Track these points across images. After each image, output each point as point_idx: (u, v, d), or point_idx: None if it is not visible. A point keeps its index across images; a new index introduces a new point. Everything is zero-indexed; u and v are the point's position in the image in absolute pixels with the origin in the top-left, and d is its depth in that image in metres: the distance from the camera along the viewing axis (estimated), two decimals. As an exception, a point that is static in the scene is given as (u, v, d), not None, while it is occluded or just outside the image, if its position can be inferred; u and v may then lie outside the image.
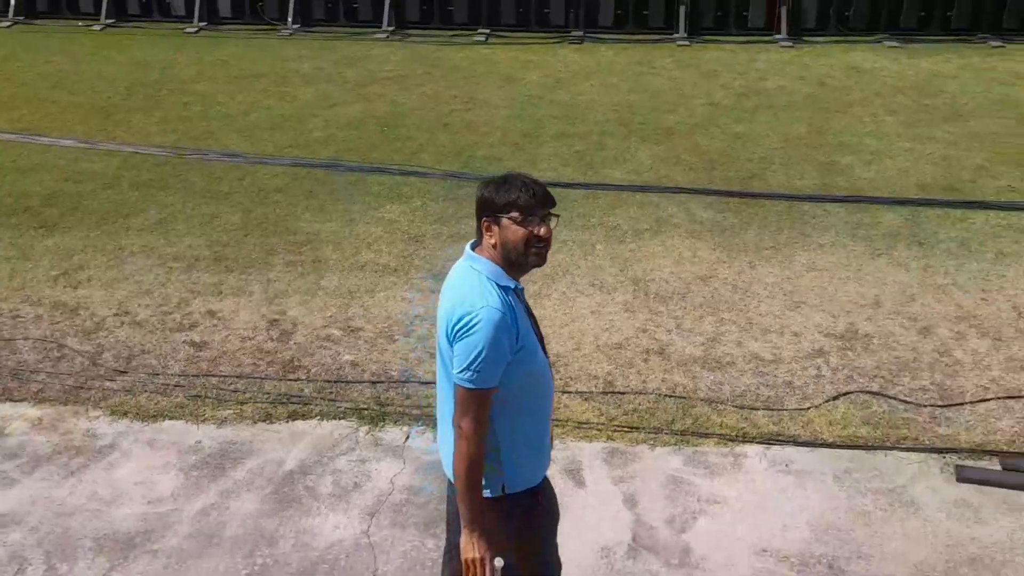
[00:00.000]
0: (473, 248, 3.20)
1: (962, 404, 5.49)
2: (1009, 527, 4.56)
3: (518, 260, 3.09)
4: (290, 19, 14.90)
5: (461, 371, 3.00)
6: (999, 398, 5.54)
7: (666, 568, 4.34)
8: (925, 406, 5.47)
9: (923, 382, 5.70)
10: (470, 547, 3.08)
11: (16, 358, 6.03)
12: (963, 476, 4.89)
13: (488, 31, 14.48)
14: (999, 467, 4.98)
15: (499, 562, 3.11)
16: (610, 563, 4.33)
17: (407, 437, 5.24)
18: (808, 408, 5.46)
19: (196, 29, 14.88)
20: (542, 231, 3.07)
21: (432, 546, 4.42)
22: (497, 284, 3.06)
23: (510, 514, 3.26)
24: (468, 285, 3.07)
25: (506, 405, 3.11)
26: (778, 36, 14.13)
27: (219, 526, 4.60)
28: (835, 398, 5.55)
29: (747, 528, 4.59)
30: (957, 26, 14.21)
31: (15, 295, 6.78)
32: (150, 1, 15.27)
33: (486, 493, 3.30)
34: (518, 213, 3.04)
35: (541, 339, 3.28)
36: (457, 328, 3.01)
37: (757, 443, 5.19)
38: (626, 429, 5.29)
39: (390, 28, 14.58)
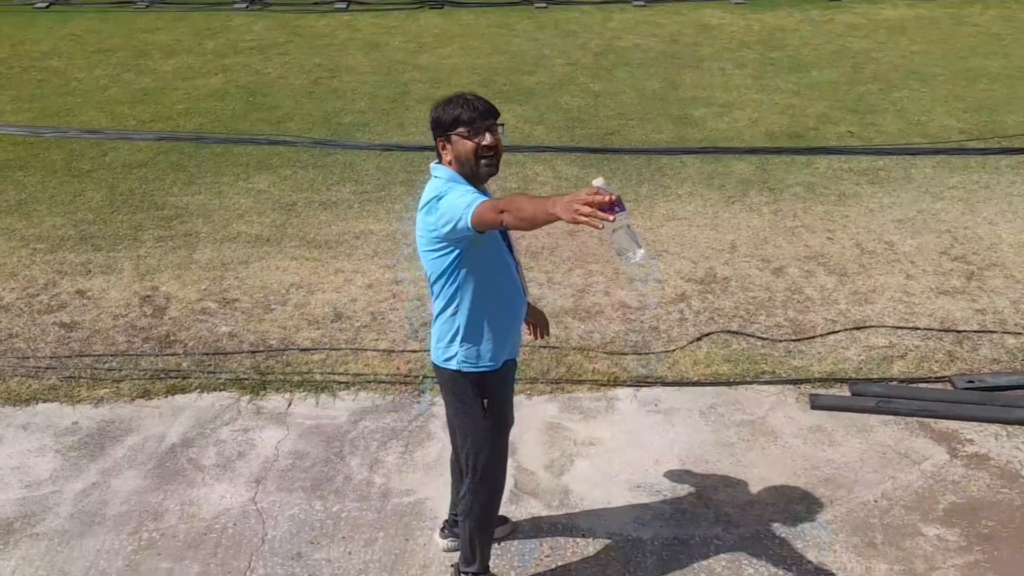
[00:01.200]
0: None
1: (813, 337, 5.77)
2: (859, 448, 4.83)
3: (472, 171, 3.37)
4: (143, -10, 14.43)
5: (462, 218, 3.15)
6: (846, 329, 5.84)
7: (547, 510, 4.44)
8: (780, 341, 5.74)
9: (778, 319, 5.98)
10: (564, 209, 2.80)
11: None
12: (816, 404, 5.14)
13: (348, -3, 14.35)
14: (848, 393, 5.24)
15: (597, 181, 2.85)
16: (493, 510, 4.42)
17: (289, 404, 5.23)
18: (674, 350, 5.66)
19: (46, 4, 14.27)
20: (488, 140, 3.33)
21: (320, 508, 4.45)
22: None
23: (462, 390, 3.53)
24: (430, 189, 3.38)
25: (468, 289, 3.38)
26: (631, -4, 14.47)
27: (101, 504, 4.52)
28: (698, 339, 5.76)
29: (622, 466, 4.72)
30: (800, -20, 14.81)
31: None
32: (-6, -23, 14.58)
33: (450, 365, 3.53)
34: (464, 128, 3.33)
35: (510, 245, 3.57)
36: (430, 214, 3.29)
37: (627, 386, 5.35)
38: (503, 381, 5.42)
39: (248, -3, 14.29)
